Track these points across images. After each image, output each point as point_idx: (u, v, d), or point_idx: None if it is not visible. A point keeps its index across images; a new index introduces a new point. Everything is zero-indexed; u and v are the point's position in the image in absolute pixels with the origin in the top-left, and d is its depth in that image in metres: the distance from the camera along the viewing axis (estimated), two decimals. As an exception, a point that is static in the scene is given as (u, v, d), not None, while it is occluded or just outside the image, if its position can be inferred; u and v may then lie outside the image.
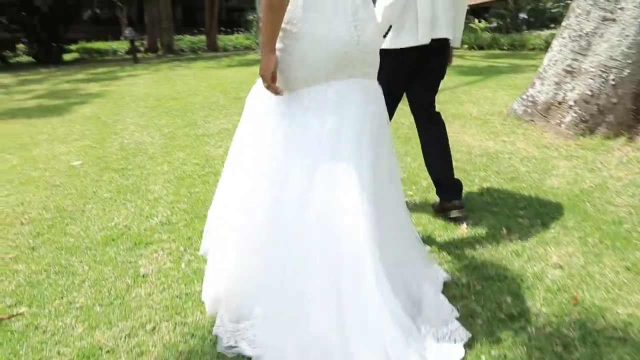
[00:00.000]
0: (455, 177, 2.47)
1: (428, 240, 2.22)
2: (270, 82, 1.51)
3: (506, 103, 4.96)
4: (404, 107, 2.46)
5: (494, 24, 15.55)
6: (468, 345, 1.49)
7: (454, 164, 2.48)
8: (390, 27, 2.15)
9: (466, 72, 7.92)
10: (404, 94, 2.43)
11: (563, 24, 4.11)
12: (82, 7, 18.11)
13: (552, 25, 13.97)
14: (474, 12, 20.63)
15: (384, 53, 2.31)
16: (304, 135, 1.50)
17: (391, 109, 2.33)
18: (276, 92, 1.52)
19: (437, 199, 2.51)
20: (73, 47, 18.95)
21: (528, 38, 12.17)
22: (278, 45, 1.52)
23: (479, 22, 15.80)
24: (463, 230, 2.30)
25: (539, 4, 15.85)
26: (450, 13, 2.23)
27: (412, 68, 2.29)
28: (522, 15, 15.55)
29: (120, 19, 21.62)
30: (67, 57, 17.03)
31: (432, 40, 2.19)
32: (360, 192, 1.42)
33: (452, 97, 5.64)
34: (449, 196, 2.42)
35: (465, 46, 13.05)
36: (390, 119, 2.24)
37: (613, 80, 3.64)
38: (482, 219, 2.43)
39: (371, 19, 1.58)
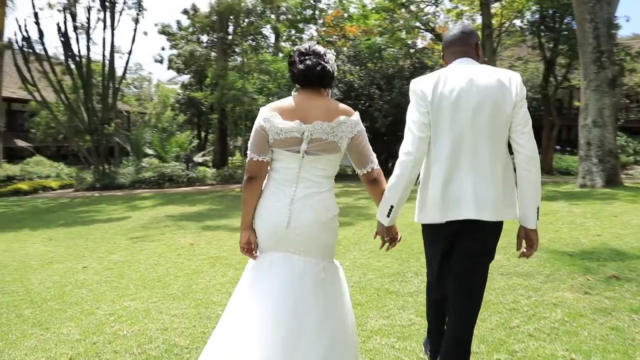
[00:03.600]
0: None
1: None
2: (244, 252, 2.21)
3: None
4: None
5: None
6: None
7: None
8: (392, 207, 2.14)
9: None
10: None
11: None
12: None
13: None
14: None
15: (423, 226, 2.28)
16: (252, 293, 2.07)
17: (435, 286, 2.31)
18: (251, 257, 2.22)
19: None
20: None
21: None
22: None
23: None
24: None
25: None
26: (493, 191, 2.05)
27: (449, 247, 2.18)
28: None
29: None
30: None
31: (460, 221, 2.06)
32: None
33: None
34: None
35: None
36: (435, 295, 2.35)
37: None
38: None
39: (308, 209, 2.09)
